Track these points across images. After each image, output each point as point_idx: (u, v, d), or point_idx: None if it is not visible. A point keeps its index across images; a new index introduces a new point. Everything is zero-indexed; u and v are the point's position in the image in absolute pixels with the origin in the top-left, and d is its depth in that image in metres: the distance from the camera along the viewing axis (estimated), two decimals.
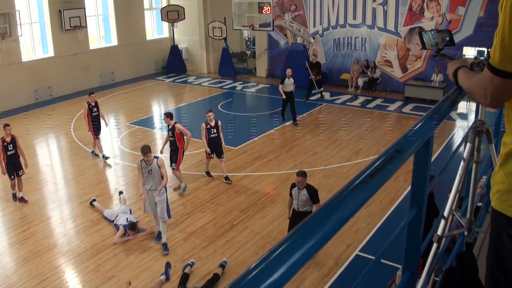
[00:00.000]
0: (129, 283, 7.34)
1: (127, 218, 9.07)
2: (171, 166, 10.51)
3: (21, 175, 10.28)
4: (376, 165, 1.53)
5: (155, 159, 8.29)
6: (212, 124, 10.74)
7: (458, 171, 2.72)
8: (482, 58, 2.32)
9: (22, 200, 10.25)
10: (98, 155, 12.66)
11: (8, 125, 10.12)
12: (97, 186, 11.12)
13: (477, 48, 16.74)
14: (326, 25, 19.83)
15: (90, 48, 20.31)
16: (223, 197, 10.34)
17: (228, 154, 12.40)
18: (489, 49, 1.97)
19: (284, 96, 14.68)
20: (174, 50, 22.81)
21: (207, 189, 10.73)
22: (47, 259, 8.27)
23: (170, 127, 10.38)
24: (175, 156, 10.49)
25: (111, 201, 10.40)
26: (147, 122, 15.66)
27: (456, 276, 2.40)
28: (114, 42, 21.56)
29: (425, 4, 17.48)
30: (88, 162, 12.47)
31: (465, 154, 2.67)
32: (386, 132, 14.09)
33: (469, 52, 16.87)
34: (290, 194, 7.91)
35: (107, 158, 12.47)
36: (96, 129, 12.40)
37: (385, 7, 18.28)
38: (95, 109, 12.37)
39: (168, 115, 10.45)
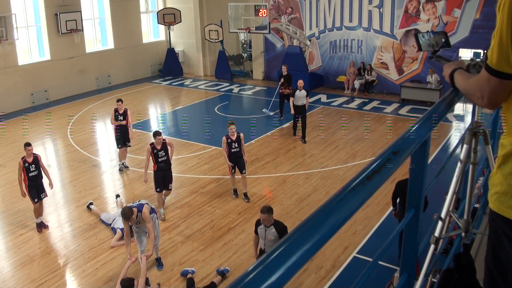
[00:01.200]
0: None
1: None
2: (168, 188, 9.77)
3: (43, 198, 9.36)
4: (373, 167, 1.53)
5: (139, 213, 7.43)
6: (234, 138, 9.87)
7: (455, 172, 2.72)
8: (478, 60, 2.32)
9: (42, 225, 9.27)
10: (127, 167, 12.07)
11: (29, 144, 9.16)
12: (94, 189, 11.09)
13: (473, 50, 16.77)
14: (322, 28, 19.87)
15: (87, 51, 20.29)
16: (220, 200, 10.32)
17: None
18: (485, 51, 1.97)
19: (293, 111, 13.42)
20: (171, 53, 22.81)
21: (204, 192, 10.71)
22: (44, 263, 8.25)
23: (160, 146, 9.48)
24: (170, 174, 9.76)
25: (108, 205, 10.38)
26: (144, 125, 15.63)
27: (453, 278, 2.40)
28: (110, 45, 21.54)
29: (421, 7, 17.53)
30: (85, 165, 12.44)
31: (461, 156, 2.67)
32: (382, 134, 14.11)
33: (465, 54, 16.90)
34: (256, 232, 6.99)
35: (123, 168, 11.95)
36: (118, 138, 11.72)
37: (381, 10, 18.32)
38: (121, 118, 11.64)
39: (160, 134, 9.62)
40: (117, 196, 10.33)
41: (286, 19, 20.53)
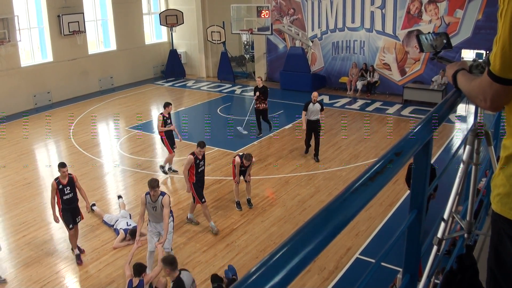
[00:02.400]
0: None
1: (127, 222, 9.08)
2: (202, 201, 9.33)
3: (79, 221, 8.55)
4: (375, 168, 1.53)
5: (161, 196, 7.55)
6: (246, 165, 9.78)
7: (457, 173, 2.72)
8: (480, 60, 2.32)
9: (80, 257, 8.36)
10: (176, 170, 11.80)
11: (64, 165, 8.28)
12: (96, 191, 11.10)
13: (476, 51, 16.75)
14: (324, 29, 19.86)
15: (89, 53, 20.33)
16: (223, 201, 10.33)
17: (227, 157, 12.41)
18: (487, 52, 1.98)
19: (304, 126, 12.14)
20: (173, 55, 22.84)
21: (207, 193, 10.67)
22: (47, 264, 8.26)
23: (201, 157, 9.21)
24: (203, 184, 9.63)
25: (110, 206, 10.39)
26: (146, 127, 15.64)
27: (456, 279, 2.40)
28: (113, 46, 21.58)
29: (423, 7, 17.51)
30: (88, 167, 12.45)
31: (464, 157, 2.67)
32: (385, 135, 14.10)
33: (468, 55, 16.88)
34: None
35: (165, 171, 11.84)
36: (171, 142, 11.56)
37: (383, 11, 18.31)
38: (169, 121, 11.45)
39: (205, 145, 9.32)
40: (120, 197, 10.33)
41: (288, 20, 20.54)
